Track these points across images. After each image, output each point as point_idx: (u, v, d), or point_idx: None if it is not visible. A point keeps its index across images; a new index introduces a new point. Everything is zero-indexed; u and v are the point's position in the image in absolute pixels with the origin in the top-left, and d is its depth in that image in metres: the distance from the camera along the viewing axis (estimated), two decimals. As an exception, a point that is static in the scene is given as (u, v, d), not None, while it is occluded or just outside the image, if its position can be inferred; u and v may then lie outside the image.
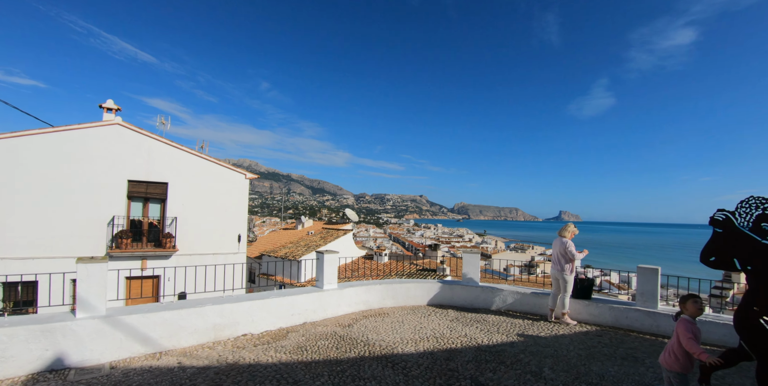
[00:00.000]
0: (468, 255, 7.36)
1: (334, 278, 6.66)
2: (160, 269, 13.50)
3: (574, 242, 6.18)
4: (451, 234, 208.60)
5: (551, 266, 6.32)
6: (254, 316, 5.64)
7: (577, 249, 6.08)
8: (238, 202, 14.73)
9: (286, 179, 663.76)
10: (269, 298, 5.85)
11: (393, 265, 24.86)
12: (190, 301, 5.46)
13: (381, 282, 7.19)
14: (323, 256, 6.64)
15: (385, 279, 7.39)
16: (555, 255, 6.21)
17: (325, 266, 6.62)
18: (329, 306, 6.47)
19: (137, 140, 13.43)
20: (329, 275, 6.64)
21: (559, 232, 6.28)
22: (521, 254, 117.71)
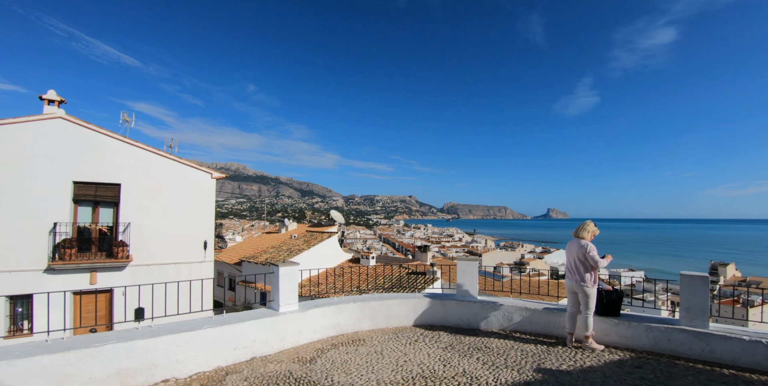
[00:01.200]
0: (464, 263, 5.97)
1: (293, 298, 5.24)
2: (116, 282, 11.95)
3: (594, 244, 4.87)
4: (441, 234, 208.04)
5: (566, 276, 4.98)
6: (180, 354, 4.17)
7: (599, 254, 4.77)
8: (204, 204, 13.18)
9: (274, 182, 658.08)
10: (202, 328, 4.39)
11: (381, 269, 23.45)
12: (84, 338, 3.98)
13: (356, 299, 5.76)
14: (278, 269, 5.21)
15: (363, 295, 5.97)
16: (571, 262, 4.88)
17: (281, 283, 5.19)
18: (287, 333, 5.03)
19: (84, 136, 11.81)
20: (287, 294, 5.21)
21: (576, 232, 4.97)
22: (511, 253, 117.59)
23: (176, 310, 6.46)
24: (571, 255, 4.89)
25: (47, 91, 11.82)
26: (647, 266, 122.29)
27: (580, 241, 4.83)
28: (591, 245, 4.73)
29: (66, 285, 11.36)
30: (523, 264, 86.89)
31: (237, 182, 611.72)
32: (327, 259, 24.96)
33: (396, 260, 29.09)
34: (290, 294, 5.22)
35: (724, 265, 79.63)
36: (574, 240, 4.94)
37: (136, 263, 12.12)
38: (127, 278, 12.02)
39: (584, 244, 4.76)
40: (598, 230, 4.90)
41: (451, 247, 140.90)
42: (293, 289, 5.22)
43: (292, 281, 5.23)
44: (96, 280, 11.75)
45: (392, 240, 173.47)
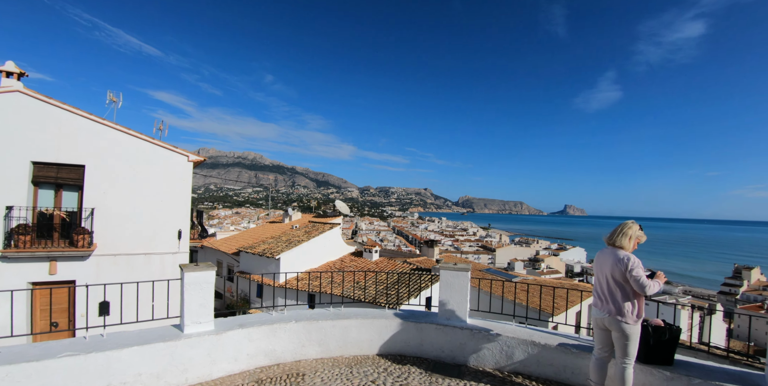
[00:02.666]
0: (449, 274, 4.36)
1: (205, 313, 3.80)
2: (78, 273, 10.79)
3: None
4: (455, 228, 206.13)
5: (594, 303, 3.40)
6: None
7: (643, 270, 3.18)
8: (179, 190, 11.86)
9: (290, 172, 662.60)
10: (57, 357, 2.99)
11: (384, 263, 22.03)
12: None
13: (300, 316, 4.28)
14: (184, 274, 3.76)
15: (313, 311, 4.49)
16: (603, 284, 3.32)
17: (186, 294, 3.75)
18: (193, 364, 3.60)
19: (44, 112, 10.54)
20: (196, 309, 3.77)
21: (611, 238, 3.37)
22: (526, 249, 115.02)
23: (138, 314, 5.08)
24: (602, 273, 3.31)
25: (5, 63, 10.58)
26: (665, 267, 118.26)
27: (618, 252, 3.23)
28: (634, 258, 3.15)
29: (22, 275, 10.26)
30: (538, 261, 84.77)
31: (254, 172, 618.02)
32: (328, 251, 23.68)
33: (401, 255, 27.63)
34: (201, 309, 3.78)
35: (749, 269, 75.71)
36: (608, 250, 3.36)
37: (100, 252, 10.92)
38: (91, 269, 10.84)
39: (623, 257, 3.16)
40: (644, 235, 3.29)
41: (464, 241, 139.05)
42: (205, 302, 3.79)
43: (203, 292, 3.78)
44: (56, 270, 10.59)
45: (406, 232, 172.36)
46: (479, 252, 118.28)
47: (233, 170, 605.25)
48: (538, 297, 18.32)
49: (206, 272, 3.85)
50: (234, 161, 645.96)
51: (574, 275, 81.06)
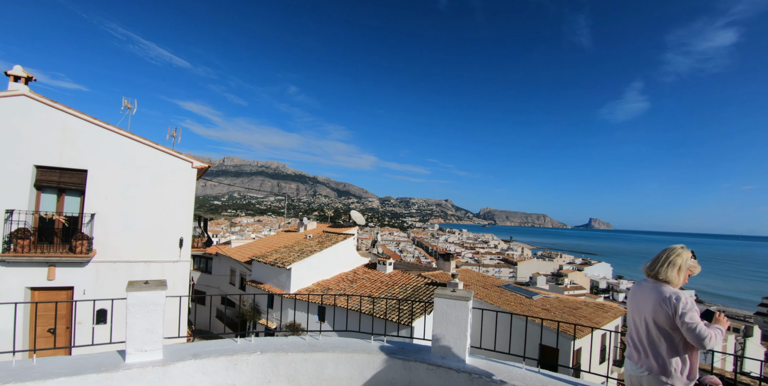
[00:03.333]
0: (446, 302, 3.59)
1: (153, 340, 3.21)
2: (77, 279, 10.51)
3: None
4: (476, 240, 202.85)
5: (627, 355, 2.60)
6: None
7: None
8: (182, 197, 11.52)
9: (312, 182, 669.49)
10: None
11: (398, 277, 21.25)
12: None
13: (267, 347, 3.63)
14: (128, 294, 3.19)
15: (289, 339, 3.84)
16: (641, 328, 2.54)
17: (131, 316, 3.17)
18: (132, 404, 3.01)
19: (49, 116, 10.42)
20: (141, 334, 3.19)
21: (652, 268, 2.61)
22: (549, 263, 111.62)
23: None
24: (639, 315, 2.55)
25: (13, 67, 10.53)
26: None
27: (662, 288, 2.47)
28: (686, 298, 2.35)
29: (20, 280, 10.04)
30: (561, 276, 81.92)
31: (276, 181, 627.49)
32: (341, 262, 23.09)
33: (416, 268, 26.77)
34: (147, 335, 3.19)
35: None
36: (648, 284, 2.59)
37: (100, 259, 10.61)
38: (90, 276, 10.55)
39: (671, 295, 2.39)
40: (698, 266, 2.52)
41: (485, 254, 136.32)
42: (153, 327, 3.20)
43: (150, 315, 3.20)
44: (54, 276, 10.32)
45: (426, 244, 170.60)
46: (500, 266, 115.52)
47: (256, 178, 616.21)
48: (560, 315, 17.15)
49: (154, 292, 3.27)
50: (257, 170, 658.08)
51: (599, 292, 77.87)
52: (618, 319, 19.56)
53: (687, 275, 2.52)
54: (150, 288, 3.30)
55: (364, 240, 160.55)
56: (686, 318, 2.27)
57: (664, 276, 2.49)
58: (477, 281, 22.50)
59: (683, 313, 2.28)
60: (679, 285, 2.49)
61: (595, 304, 20.58)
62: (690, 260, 2.51)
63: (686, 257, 2.51)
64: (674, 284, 2.49)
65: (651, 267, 2.62)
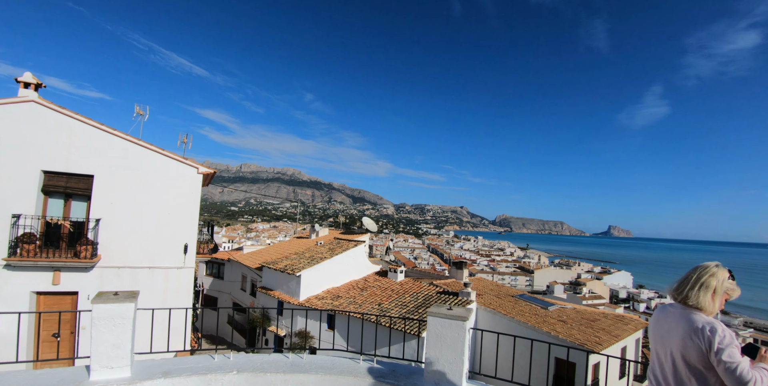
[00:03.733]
0: (440, 322, 3.17)
1: (121, 356, 2.96)
2: (82, 284, 10.46)
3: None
4: (492, 247, 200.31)
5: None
6: None
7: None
8: (187, 202, 11.42)
9: (327, 188, 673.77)
10: None
11: (409, 285, 20.84)
12: None
13: (244, 366, 3.32)
14: (94, 306, 2.95)
15: (272, 356, 3.54)
16: (667, 363, 2.06)
17: (96, 330, 2.93)
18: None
19: (57, 122, 10.46)
20: (108, 349, 2.94)
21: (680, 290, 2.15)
22: (566, 271, 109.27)
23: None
24: (664, 348, 2.10)
25: (23, 74, 10.64)
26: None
27: (693, 317, 2.03)
28: (723, 329, 1.90)
29: (26, 284, 10.04)
30: (580, 284, 79.89)
31: (292, 187, 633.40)
32: (351, 270, 22.79)
33: (428, 276, 26.28)
34: (114, 351, 2.94)
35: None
36: (676, 311, 2.14)
37: (104, 264, 10.55)
38: (95, 281, 10.49)
39: (704, 326, 1.95)
40: (737, 288, 2.09)
41: (501, 261, 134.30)
42: (120, 341, 2.95)
43: (117, 329, 2.95)
44: (59, 280, 10.29)
45: (441, 251, 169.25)
46: (516, 274, 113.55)
47: (273, 185, 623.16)
48: (577, 327, 16.47)
49: (122, 304, 3.02)
50: (274, 177, 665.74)
51: (619, 302, 75.62)
52: (639, 332, 18.74)
53: (723, 301, 2.07)
54: (117, 300, 3.05)
55: (378, 247, 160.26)
56: (724, 356, 1.81)
57: (695, 302, 2.03)
58: (491, 291, 21.91)
59: (720, 349, 1.83)
60: (713, 313, 2.04)
61: (614, 316, 19.78)
62: (727, 282, 2.06)
63: (722, 278, 2.06)
64: (708, 312, 2.02)
65: (679, 290, 2.13)
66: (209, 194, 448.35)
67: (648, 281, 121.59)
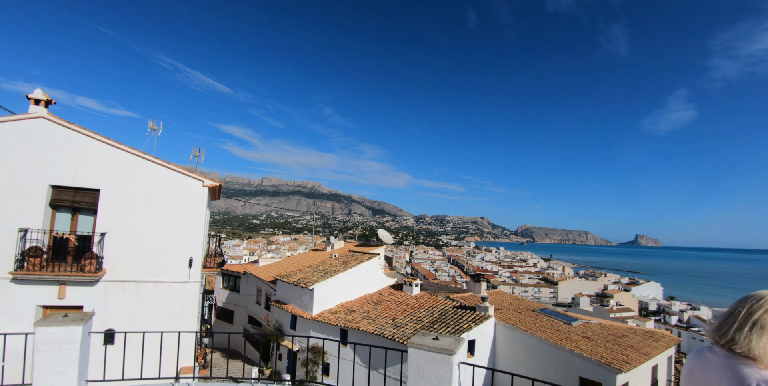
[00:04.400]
0: (421, 355, 2.71)
1: (68, 383, 2.63)
2: (86, 298, 10.36)
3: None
4: (514, 258, 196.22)
5: None
6: None
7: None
8: (193, 215, 11.27)
9: (347, 201, 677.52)
10: None
11: (425, 299, 20.24)
12: None
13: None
14: (36, 329, 2.65)
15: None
16: None
17: (39, 356, 2.62)
18: None
19: (65, 137, 10.53)
20: (51, 378, 2.61)
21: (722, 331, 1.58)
22: (592, 283, 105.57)
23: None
24: None
25: (33, 91, 10.80)
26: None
27: (742, 369, 1.45)
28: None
29: (32, 298, 10.01)
30: (607, 296, 76.94)
31: (312, 200, 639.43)
32: (365, 283, 22.33)
33: (444, 289, 25.55)
34: (59, 379, 2.62)
35: None
36: (718, 358, 1.56)
37: (109, 278, 10.44)
38: (99, 295, 10.37)
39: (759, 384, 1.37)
40: None
41: (524, 273, 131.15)
42: (66, 369, 2.62)
43: (63, 355, 2.63)
44: (65, 294, 10.21)
45: (461, 262, 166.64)
46: (540, 285, 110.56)
47: (293, 198, 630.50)
48: (603, 344, 15.51)
49: (68, 327, 2.71)
50: (294, 190, 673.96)
51: (649, 314, 72.38)
52: (671, 349, 17.58)
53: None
54: (63, 323, 2.74)
55: (398, 259, 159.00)
56: None
57: (745, 348, 1.49)
58: (510, 305, 21.06)
59: None
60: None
61: (643, 331, 18.65)
62: None
63: None
64: (764, 363, 1.48)
65: (722, 331, 1.59)
66: (231, 207, 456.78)
67: (679, 292, 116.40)
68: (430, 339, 2.79)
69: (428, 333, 2.87)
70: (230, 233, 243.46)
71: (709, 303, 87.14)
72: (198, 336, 11.84)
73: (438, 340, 2.76)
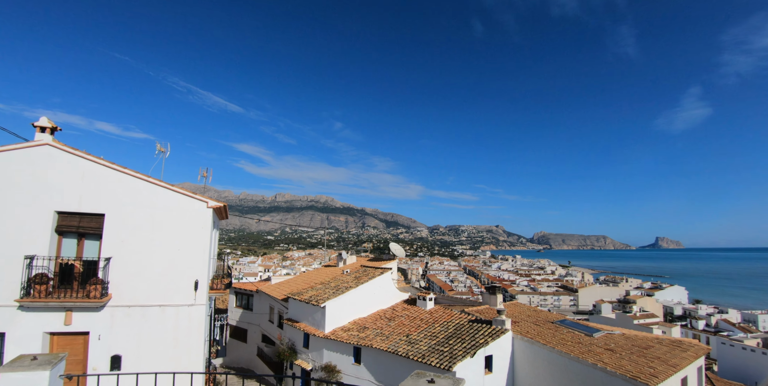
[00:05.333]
0: None
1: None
2: (93, 324, 10.28)
3: None
4: (531, 266, 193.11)
5: None
6: None
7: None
8: (198, 237, 11.17)
9: (360, 214, 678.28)
10: None
11: (439, 313, 19.74)
12: None
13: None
14: (2, 375, 2.46)
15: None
16: None
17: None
18: None
19: (70, 163, 10.62)
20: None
21: None
22: (613, 288, 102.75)
23: None
24: None
25: (39, 118, 10.95)
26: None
27: None
28: None
29: (39, 325, 9.97)
30: (629, 302, 74.68)
31: (326, 214, 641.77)
32: (378, 299, 21.91)
33: (459, 302, 25.01)
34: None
35: None
36: None
37: (115, 303, 10.35)
38: (105, 321, 10.31)
39: None
40: None
41: (542, 281, 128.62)
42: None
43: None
44: (71, 321, 10.14)
45: (477, 272, 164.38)
46: (559, 293, 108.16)
47: (307, 213, 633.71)
48: (627, 356, 14.81)
49: (34, 372, 2.51)
50: (307, 205, 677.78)
51: (675, 319, 69.77)
52: (700, 359, 16.71)
53: None
54: (29, 368, 2.53)
55: (413, 271, 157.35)
56: None
57: None
58: (528, 317, 20.41)
59: None
60: None
61: (670, 341, 17.82)
62: None
63: None
64: None
65: None
66: (246, 224, 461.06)
67: (705, 295, 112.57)
68: (425, 381, 2.51)
69: (423, 373, 2.61)
70: (245, 250, 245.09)
71: (736, 306, 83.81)
72: (207, 360, 11.65)
73: (433, 383, 2.49)
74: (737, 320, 61.18)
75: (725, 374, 36.41)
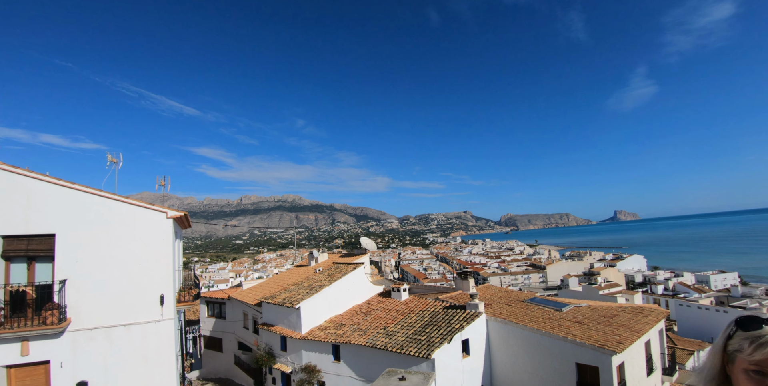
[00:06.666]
0: None
1: None
2: (53, 351, 9.75)
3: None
4: (501, 248, 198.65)
5: None
6: None
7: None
8: (159, 250, 10.79)
9: (329, 210, 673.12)
10: None
11: (414, 303, 20.03)
12: None
13: None
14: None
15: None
16: None
17: None
18: None
19: (11, 183, 9.94)
20: None
21: None
22: (579, 263, 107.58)
23: None
24: None
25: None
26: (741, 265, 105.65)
27: None
28: None
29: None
30: (594, 275, 78.39)
31: (294, 213, 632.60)
32: (353, 294, 21.96)
33: (433, 290, 25.46)
34: None
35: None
36: None
37: (76, 327, 9.87)
38: (66, 347, 9.80)
39: None
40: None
41: (512, 261, 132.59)
42: None
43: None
44: (28, 351, 9.58)
45: (449, 259, 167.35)
46: (528, 272, 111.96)
47: (275, 213, 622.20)
48: (595, 326, 15.61)
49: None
50: (275, 205, 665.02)
51: (636, 286, 73.94)
52: (661, 323, 17.86)
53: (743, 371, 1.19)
54: None
55: (387, 263, 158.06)
56: None
57: None
58: (500, 298, 21.07)
59: None
60: None
61: (632, 308, 18.91)
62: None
63: None
64: None
65: None
66: (213, 230, 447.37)
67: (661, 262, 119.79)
68: (396, 379, 2.57)
69: (394, 371, 2.67)
70: (214, 257, 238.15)
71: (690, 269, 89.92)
72: (181, 375, 11.34)
73: (404, 380, 2.55)
74: (692, 282, 65.43)
75: (685, 333, 39.13)
